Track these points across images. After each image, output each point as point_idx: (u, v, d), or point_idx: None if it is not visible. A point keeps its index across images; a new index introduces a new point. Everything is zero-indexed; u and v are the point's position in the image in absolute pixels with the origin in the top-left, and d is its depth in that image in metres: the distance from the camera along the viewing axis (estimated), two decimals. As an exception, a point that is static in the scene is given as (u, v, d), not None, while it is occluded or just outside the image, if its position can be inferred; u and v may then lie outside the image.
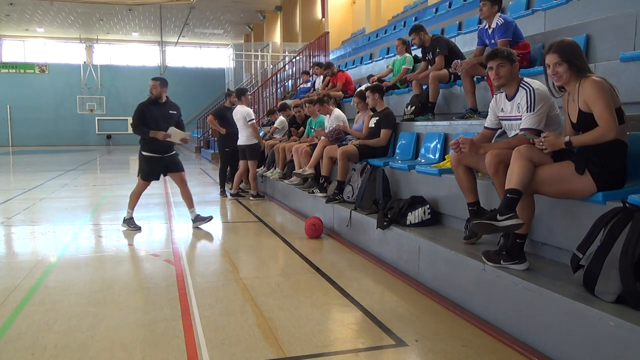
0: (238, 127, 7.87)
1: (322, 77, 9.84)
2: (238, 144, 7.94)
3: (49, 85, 31.92)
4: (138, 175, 5.80)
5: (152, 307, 3.33)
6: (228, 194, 8.38)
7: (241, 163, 8.06)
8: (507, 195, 2.81)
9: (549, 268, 2.96)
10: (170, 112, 5.72)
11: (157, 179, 5.88)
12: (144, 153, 5.69)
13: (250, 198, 8.06)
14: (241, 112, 7.78)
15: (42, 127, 31.59)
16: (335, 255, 4.69)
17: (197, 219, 5.93)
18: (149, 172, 5.75)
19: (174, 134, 5.58)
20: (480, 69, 5.08)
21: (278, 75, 16.17)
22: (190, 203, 5.95)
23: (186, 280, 3.91)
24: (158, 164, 5.74)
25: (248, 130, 7.83)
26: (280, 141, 8.80)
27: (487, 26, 5.15)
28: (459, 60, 5.20)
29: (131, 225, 5.78)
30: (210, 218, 5.99)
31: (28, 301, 3.44)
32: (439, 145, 5.02)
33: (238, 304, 3.39)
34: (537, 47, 5.00)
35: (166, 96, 5.70)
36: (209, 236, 5.62)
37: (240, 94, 8.03)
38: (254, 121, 7.99)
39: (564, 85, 2.88)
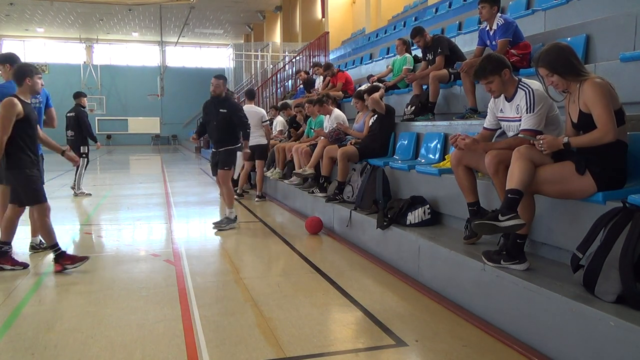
0: None
1: (321, 77, 9.82)
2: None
3: (49, 85, 31.08)
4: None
5: (152, 307, 3.33)
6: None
7: (247, 163, 8.06)
8: (508, 195, 2.81)
9: (549, 268, 2.96)
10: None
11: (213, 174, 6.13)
12: None
13: (256, 200, 7.99)
14: (255, 113, 7.76)
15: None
16: (335, 255, 4.69)
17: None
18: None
19: None
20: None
21: (278, 75, 16.17)
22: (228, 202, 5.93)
23: (186, 280, 3.91)
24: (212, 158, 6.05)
25: (261, 131, 7.82)
26: (280, 141, 8.79)
27: (487, 27, 5.15)
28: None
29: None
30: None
31: (28, 301, 3.45)
32: (439, 145, 5.02)
33: (238, 304, 3.39)
34: (537, 47, 4.99)
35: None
36: (209, 236, 5.62)
37: (253, 95, 8.20)
38: (268, 122, 8.14)
39: (565, 89, 2.87)
